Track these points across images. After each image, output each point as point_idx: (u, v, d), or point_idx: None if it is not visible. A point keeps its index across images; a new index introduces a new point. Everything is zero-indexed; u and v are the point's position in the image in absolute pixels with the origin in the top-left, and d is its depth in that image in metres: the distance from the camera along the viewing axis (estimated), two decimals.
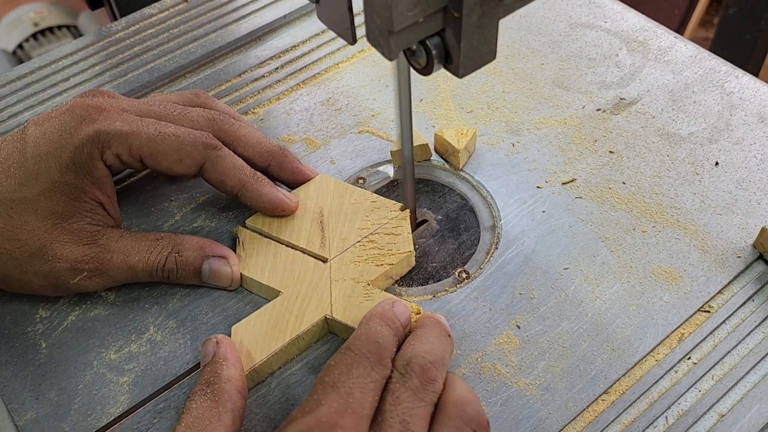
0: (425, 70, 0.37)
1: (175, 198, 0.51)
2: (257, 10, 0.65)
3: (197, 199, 0.51)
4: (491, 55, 0.37)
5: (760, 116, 0.53)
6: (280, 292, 0.44)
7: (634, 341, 0.42)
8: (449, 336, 0.40)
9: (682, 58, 0.57)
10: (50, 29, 1.40)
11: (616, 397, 0.41)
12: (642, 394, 0.41)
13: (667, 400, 0.40)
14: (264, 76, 0.60)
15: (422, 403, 0.35)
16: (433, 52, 0.36)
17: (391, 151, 0.52)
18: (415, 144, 0.50)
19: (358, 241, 0.46)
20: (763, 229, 0.45)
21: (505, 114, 0.55)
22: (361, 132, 0.55)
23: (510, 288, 0.45)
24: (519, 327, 0.43)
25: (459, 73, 0.37)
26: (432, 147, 0.53)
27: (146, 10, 0.66)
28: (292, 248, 0.46)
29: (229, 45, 0.62)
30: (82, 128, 0.43)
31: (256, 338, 0.42)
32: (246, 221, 0.48)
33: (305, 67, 0.60)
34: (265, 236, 0.47)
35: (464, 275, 0.46)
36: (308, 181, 0.49)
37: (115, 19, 0.77)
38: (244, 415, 0.39)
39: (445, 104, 0.56)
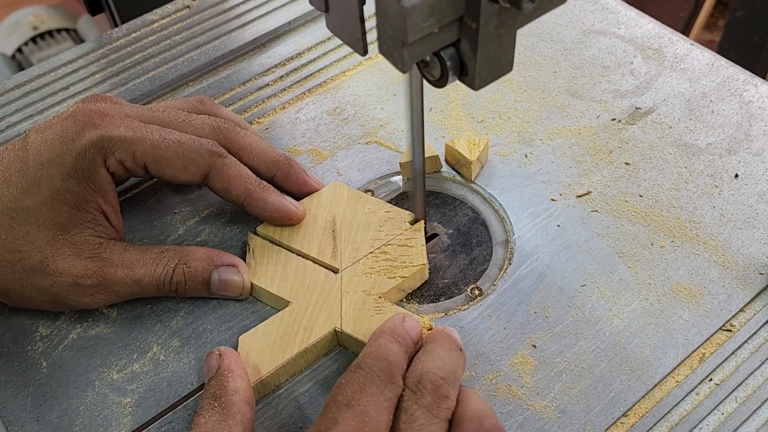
0: (439, 83, 0.36)
1: (178, 211, 0.50)
2: (261, 16, 0.63)
3: (201, 212, 0.50)
4: (508, 67, 0.36)
5: None
6: (289, 302, 0.43)
7: (653, 361, 0.41)
8: (461, 350, 0.39)
9: (698, 66, 0.56)
10: (49, 33, 1.38)
11: (635, 420, 0.39)
12: (662, 417, 0.39)
13: (688, 424, 0.39)
14: (269, 85, 0.58)
15: (437, 420, 0.34)
16: (448, 63, 0.35)
17: (400, 163, 0.51)
18: (425, 155, 0.48)
19: (371, 252, 0.45)
20: None
21: (517, 124, 0.53)
22: (369, 143, 0.53)
23: (525, 306, 0.44)
24: (535, 347, 0.42)
25: (475, 85, 0.35)
26: (443, 158, 0.51)
27: (148, 17, 0.64)
28: (303, 257, 0.45)
29: (232, 52, 0.61)
30: (85, 134, 0.42)
31: (263, 349, 0.41)
32: (257, 228, 0.47)
33: (311, 75, 0.59)
34: (276, 244, 0.46)
35: (477, 292, 0.45)
36: (314, 192, 0.48)
37: (116, 25, 0.76)
38: (254, 429, 0.38)
39: (455, 114, 0.54)
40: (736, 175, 0.49)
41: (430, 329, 0.40)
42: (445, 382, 0.36)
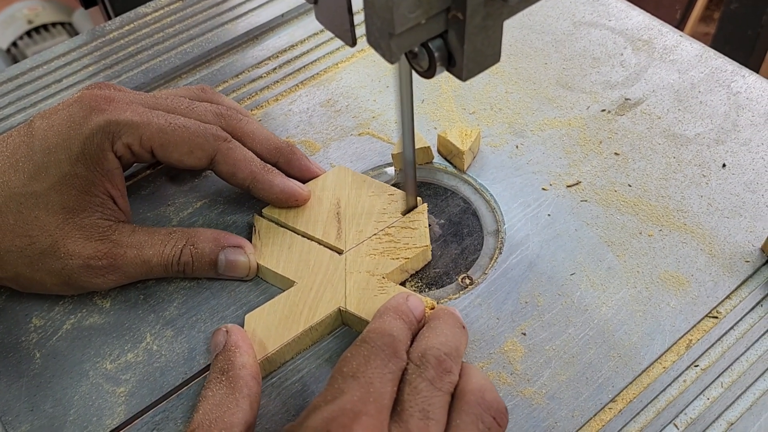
0: (427, 73, 0.36)
1: (172, 202, 0.50)
2: (254, 8, 0.64)
3: (194, 204, 0.50)
4: (495, 58, 0.36)
5: None
6: (294, 282, 0.44)
7: (641, 348, 0.42)
8: (463, 327, 0.40)
9: (687, 57, 0.56)
10: (45, 26, 1.38)
11: (623, 406, 0.40)
12: (649, 402, 0.40)
13: (675, 409, 0.40)
14: (262, 77, 0.59)
15: (439, 392, 0.35)
16: (436, 54, 0.35)
17: (392, 154, 0.51)
18: (416, 147, 0.49)
19: (375, 234, 0.46)
20: None
21: (508, 115, 0.54)
22: (362, 134, 0.54)
23: (515, 294, 0.44)
24: (525, 334, 0.42)
25: (462, 76, 0.36)
26: (435, 149, 0.52)
27: (140, 9, 0.64)
28: (308, 239, 0.46)
29: (225, 45, 0.61)
30: (92, 118, 0.43)
31: (269, 327, 0.42)
32: (263, 210, 0.48)
33: (304, 67, 0.59)
34: (282, 226, 0.47)
35: (468, 281, 0.45)
36: (316, 178, 0.49)
37: (109, 18, 0.76)
38: (260, 402, 0.39)
39: (447, 105, 0.55)
40: (724, 165, 0.50)
41: (432, 308, 0.41)
42: (448, 357, 0.37)
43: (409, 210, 0.47)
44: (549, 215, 0.48)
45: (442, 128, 0.53)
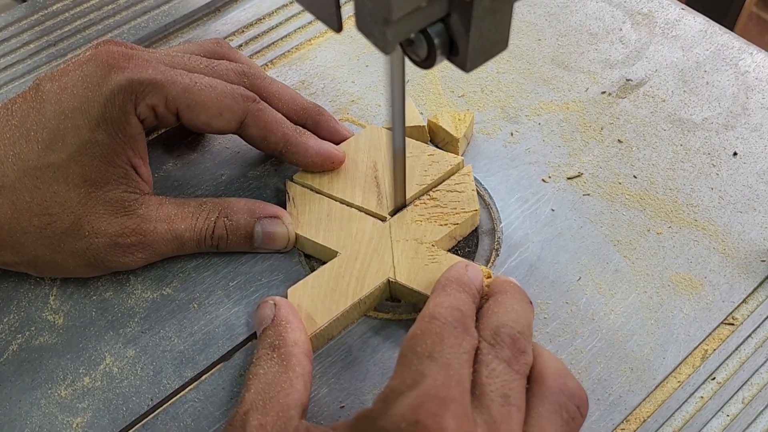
0: (426, 63, 0.31)
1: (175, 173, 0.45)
2: None
3: (203, 174, 0.45)
4: (503, 45, 0.32)
5: None
6: (337, 252, 0.40)
7: (653, 360, 0.38)
8: (530, 303, 0.36)
9: (691, 33, 0.52)
10: None
11: (637, 426, 0.37)
12: (665, 422, 0.37)
13: (692, 428, 0.37)
14: None
15: (517, 375, 0.32)
16: (436, 41, 0.30)
17: None
18: (411, 125, 0.44)
19: (419, 199, 0.42)
20: None
21: (500, 98, 0.49)
22: (341, 120, 0.49)
23: None
24: None
25: (466, 66, 0.31)
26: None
27: None
28: (347, 205, 0.42)
29: (184, 18, 0.55)
30: (112, 77, 0.38)
31: (315, 302, 0.39)
32: (293, 176, 0.44)
33: (273, 43, 0.53)
34: (316, 192, 0.43)
35: None
36: (345, 141, 0.45)
37: None
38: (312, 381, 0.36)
39: (433, 87, 0.50)
40: (735, 153, 0.46)
41: (489, 278, 0.38)
42: (522, 336, 0.33)
43: (397, 210, 0.42)
44: (553, 210, 0.44)
45: (429, 113, 0.48)
